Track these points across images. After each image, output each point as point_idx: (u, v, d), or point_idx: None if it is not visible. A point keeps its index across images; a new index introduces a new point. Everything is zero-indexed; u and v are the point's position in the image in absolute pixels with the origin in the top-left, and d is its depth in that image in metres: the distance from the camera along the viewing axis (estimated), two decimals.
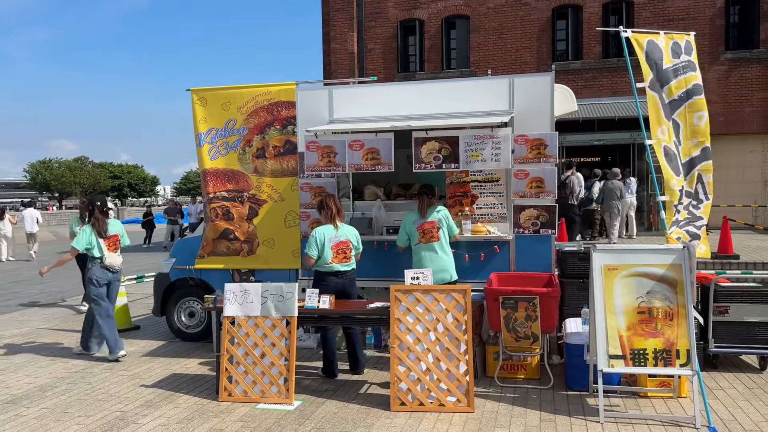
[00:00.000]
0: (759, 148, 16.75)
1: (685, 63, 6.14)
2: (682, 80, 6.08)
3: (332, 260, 5.88)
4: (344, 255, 5.94)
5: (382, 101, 6.86)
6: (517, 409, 5.06)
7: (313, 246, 5.85)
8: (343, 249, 5.94)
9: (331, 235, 5.91)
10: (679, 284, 4.94)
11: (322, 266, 5.91)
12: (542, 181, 6.42)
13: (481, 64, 17.59)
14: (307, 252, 5.87)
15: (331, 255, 5.88)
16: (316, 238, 5.86)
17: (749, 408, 4.99)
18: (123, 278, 8.66)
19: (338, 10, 18.59)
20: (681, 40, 6.24)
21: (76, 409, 5.30)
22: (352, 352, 6.12)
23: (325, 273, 5.93)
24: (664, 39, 6.10)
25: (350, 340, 6.11)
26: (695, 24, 16.41)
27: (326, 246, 5.86)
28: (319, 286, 5.89)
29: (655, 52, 6.02)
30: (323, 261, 5.88)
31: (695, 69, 6.26)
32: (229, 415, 5.05)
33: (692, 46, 6.34)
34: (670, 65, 6.03)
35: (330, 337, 5.98)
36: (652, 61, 5.98)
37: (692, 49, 6.32)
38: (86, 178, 64.40)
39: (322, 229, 5.93)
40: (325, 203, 6.03)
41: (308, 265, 5.97)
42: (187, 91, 7.55)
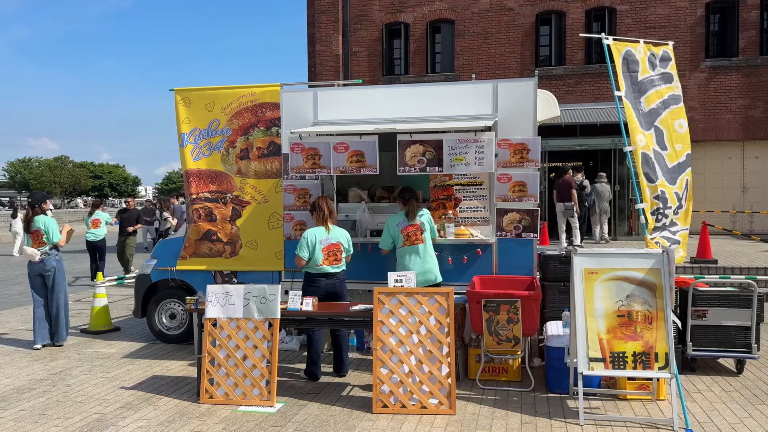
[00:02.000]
0: (737, 155, 17.02)
1: (660, 75, 6.24)
2: (659, 91, 6.17)
3: (323, 262, 5.89)
4: (335, 257, 5.95)
5: (367, 104, 6.88)
6: (499, 412, 5.09)
7: (304, 247, 5.84)
8: (334, 251, 5.94)
9: (323, 236, 5.91)
10: (658, 288, 5.01)
11: (313, 268, 5.91)
12: (525, 185, 6.48)
13: (466, 69, 17.68)
14: (298, 253, 5.86)
15: (322, 257, 5.88)
16: (307, 240, 5.86)
17: (726, 410, 5.07)
18: (103, 279, 8.58)
19: (324, 12, 18.58)
20: (658, 51, 6.33)
21: (55, 411, 5.24)
22: (338, 354, 6.11)
23: (316, 274, 5.93)
24: (643, 49, 6.19)
25: (337, 342, 6.10)
26: (676, 32, 16.64)
27: (317, 248, 5.86)
28: (309, 287, 5.89)
29: (632, 63, 6.11)
30: (314, 262, 5.88)
31: (671, 80, 6.33)
32: (210, 418, 5.03)
33: (670, 56, 6.42)
34: (646, 76, 6.12)
35: (316, 339, 5.98)
36: (629, 71, 6.06)
37: (670, 59, 6.40)
38: (66, 178, 63.56)
39: (313, 230, 5.93)
40: (317, 205, 6.03)
41: (299, 267, 5.96)
42: (171, 91, 7.51)
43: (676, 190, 5.98)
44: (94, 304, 8.28)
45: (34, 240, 7.50)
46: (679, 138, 6.20)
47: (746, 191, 16.93)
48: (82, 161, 75.00)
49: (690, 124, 17.72)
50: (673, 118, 6.22)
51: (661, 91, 6.19)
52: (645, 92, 6.08)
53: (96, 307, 8.26)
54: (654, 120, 6.06)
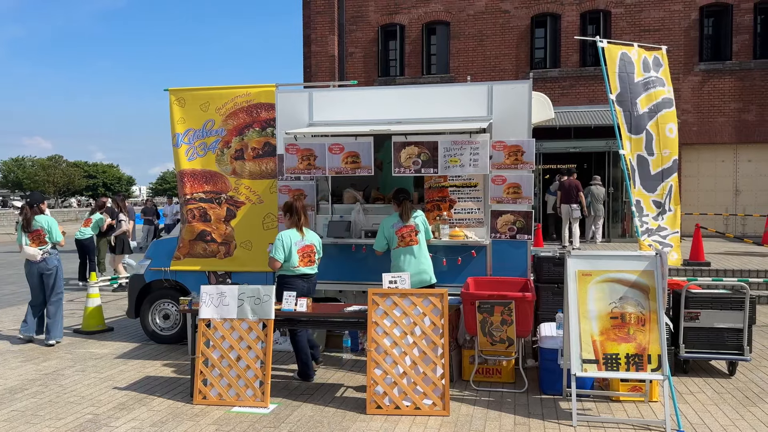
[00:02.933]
0: (730, 158, 17.11)
1: (654, 78, 6.27)
2: (651, 94, 6.20)
3: (299, 263, 5.92)
4: (309, 258, 6.00)
5: (363, 105, 6.88)
6: (492, 413, 5.10)
7: (280, 249, 5.87)
8: (309, 253, 6.00)
9: (297, 239, 5.95)
10: (651, 290, 5.03)
11: (289, 269, 5.94)
12: (519, 187, 6.50)
13: (461, 70, 17.71)
14: (273, 255, 5.88)
15: (297, 258, 5.91)
16: (282, 242, 5.89)
17: (718, 412, 5.09)
18: (97, 279, 8.56)
19: (319, 13, 18.58)
20: (650, 56, 6.38)
21: (47, 411, 5.22)
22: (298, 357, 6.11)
23: (292, 276, 5.95)
24: (637, 52, 6.22)
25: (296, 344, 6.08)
26: (670, 35, 16.72)
27: (293, 249, 5.89)
28: (285, 289, 5.91)
29: (627, 66, 6.14)
30: (291, 264, 5.91)
31: (664, 84, 6.38)
32: (204, 419, 5.02)
33: (662, 61, 6.47)
34: (641, 78, 6.16)
35: (300, 340, 5.97)
36: (624, 73, 6.10)
37: (662, 64, 6.45)
38: (60, 177, 63.31)
39: (288, 233, 5.96)
40: (294, 208, 6.03)
41: (274, 268, 5.99)
42: (165, 91, 7.50)
43: (655, 197, 6.00)
44: (87, 304, 8.25)
45: (33, 239, 7.55)
46: (667, 143, 6.24)
47: (739, 194, 17.02)
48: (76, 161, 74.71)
49: (683, 127, 17.82)
50: (664, 122, 6.25)
51: (654, 94, 6.23)
52: (639, 94, 6.11)
53: (89, 308, 8.23)
54: (646, 124, 6.09)
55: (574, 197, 13.50)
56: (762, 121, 16.57)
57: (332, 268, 6.90)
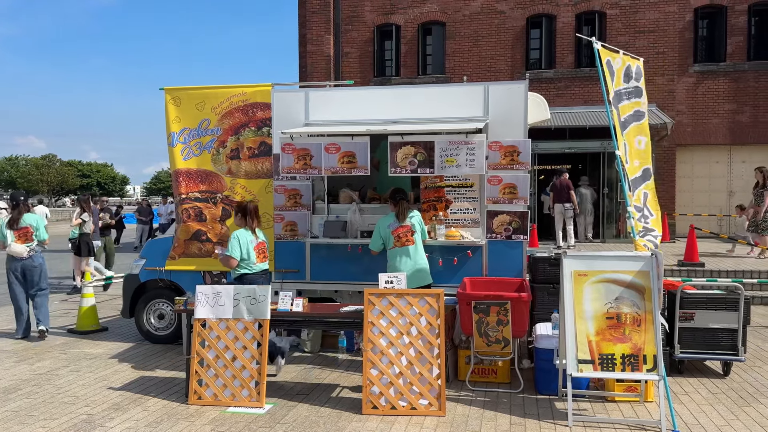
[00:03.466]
0: (724, 159, 17.18)
1: (632, 89, 6.30)
2: (626, 105, 6.22)
3: (257, 260, 6.08)
4: (264, 255, 6.20)
5: (359, 105, 6.87)
6: (488, 413, 5.10)
7: (237, 248, 5.97)
8: (262, 248, 6.20)
9: (251, 237, 6.09)
10: (646, 291, 5.04)
11: (248, 267, 6.04)
12: (515, 187, 6.51)
13: (457, 71, 17.71)
14: (231, 254, 5.95)
15: (255, 255, 6.05)
16: (239, 240, 6.00)
17: (712, 412, 5.11)
18: (91, 279, 8.53)
19: (315, 13, 18.55)
20: (633, 65, 6.42)
21: (41, 411, 5.19)
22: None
23: (251, 274, 6.06)
24: (621, 61, 6.26)
25: None
26: (665, 36, 16.77)
27: (250, 247, 6.03)
28: None
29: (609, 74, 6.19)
30: (250, 262, 6.03)
31: (641, 95, 6.43)
32: (199, 419, 5.00)
33: (642, 72, 6.54)
34: (620, 88, 6.18)
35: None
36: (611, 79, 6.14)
37: (641, 75, 6.52)
38: (54, 177, 63.09)
39: (243, 232, 6.06)
40: (248, 210, 6.13)
41: (231, 267, 6.06)
42: (161, 90, 7.48)
43: (635, 202, 6.03)
44: (81, 304, 8.21)
45: (20, 237, 7.74)
46: (637, 154, 6.26)
47: (733, 195, 17.09)
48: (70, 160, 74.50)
49: (678, 128, 17.85)
50: (635, 134, 6.27)
51: (633, 104, 6.26)
52: (619, 103, 6.16)
53: (83, 307, 8.19)
54: (623, 132, 6.13)
55: (566, 196, 13.85)
56: (756, 123, 16.64)
57: (328, 268, 6.90)
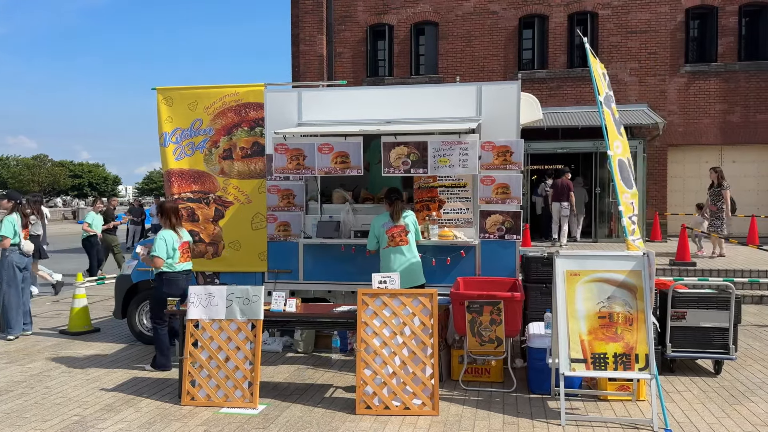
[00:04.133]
0: (716, 159, 17.25)
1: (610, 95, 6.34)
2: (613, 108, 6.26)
3: (181, 259, 6.26)
4: (187, 254, 6.37)
5: (352, 105, 6.88)
6: (481, 412, 5.11)
7: (163, 248, 6.13)
8: (187, 248, 6.36)
9: (176, 237, 6.25)
10: (638, 290, 5.07)
11: (174, 266, 6.21)
12: (508, 187, 6.53)
13: (450, 71, 17.73)
14: (157, 254, 6.09)
15: (179, 255, 6.23)
16: (165, 240, 6.15)
17: (704, 411, 5.14)
18: (83, 279, 8.48)
19: (308, 13, 18.53)
20: (606, 74, 6.48)
21: (33, 413, 5.16)
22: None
23: (177, 272, 6.24)
24: (600, 67, 6.32)
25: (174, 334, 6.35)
26: (657, 36, 16.85)
27: (176, 246, 6.21)
28: (171, 286, 6.19)
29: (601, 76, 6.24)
30: (174, 261, 6.20)
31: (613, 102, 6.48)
32: (192, 419, 4.99)
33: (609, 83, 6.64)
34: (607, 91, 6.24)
35: (162, 334, 6.30)
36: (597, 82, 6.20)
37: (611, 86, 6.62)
38: (45, 177, 62.71)
39: (168, 232, 6.21)
40: (165, 211, 6.30)
41: (157, 266, 6.18)
42: (153, 90, 7.45)
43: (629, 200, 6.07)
44: (73, 304, 8.17)
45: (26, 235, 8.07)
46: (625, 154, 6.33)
47: None
48: (61, 160, 74.04)
49: (669, 128, 17.92)
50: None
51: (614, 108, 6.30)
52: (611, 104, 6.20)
53: (75, 308, 8.15)
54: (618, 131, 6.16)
55: (565, 196, 14.13)
56: (746, 123, 16.75)
57: (321, 268, 6.89)
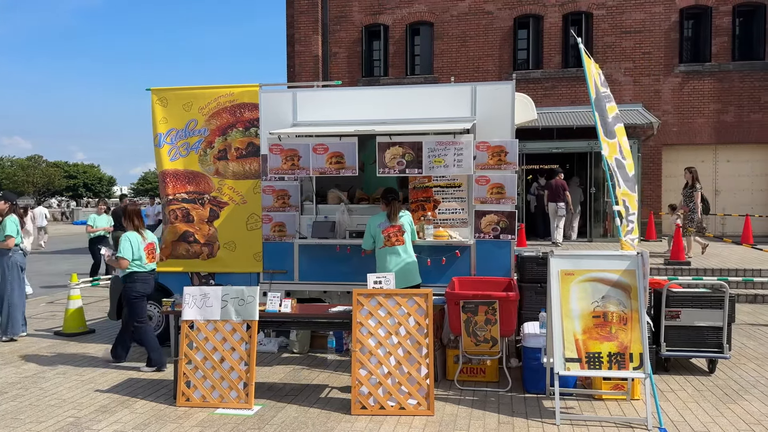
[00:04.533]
0: (710, 159, 17.33)
1: (606, 94, 6.36)
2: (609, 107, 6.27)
3: (147, 260, 6.43)
4: (153, 255, 6.55)
5: (347, 105, 6.88)
6: (476, 412, 5.12)
7: (128, 249, 6.28)
8: (152, 249, 6.53)
9: (140, 239, 6.43)
10: (632, 289, 5.09)
11: (140, 267, 6.37)
12: (503, 187, 6.54)
13: (445, 71, 17.74)
14: (122, 255, 6.26)
15: (145, 255, 6.40)
16: (130, 241, 6.32)
17: (698, 409, 5.16)
18: (78, 280, 8.47)
19: (303, 13, 18.52)
20: (601, 73, 6.50)
21: (27, 414, 5.15)
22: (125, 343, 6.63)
23: (144, 272, 6.40)
24: (594, 67, 6.33)
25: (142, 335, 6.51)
26: (651, 36, 16.90)
27: (141, 247, 6.36)
28: (141, 285, 6.39)
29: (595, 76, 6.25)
30: (141, 261, 6.37)
31: (612, 101, 6.48)
32: (187, 420, 4.98)
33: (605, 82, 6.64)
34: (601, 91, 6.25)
35: (145, 331, 6.47)
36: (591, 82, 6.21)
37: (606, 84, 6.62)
38: (40, 178, 62.45)
39: (132, 233, 6.40)
40: (134, 215, 6.51)
41: (123, 267, 6.35)
42: (147, 91, 7.44)
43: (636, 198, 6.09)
44: (68, 306, 8.15)
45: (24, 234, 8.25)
46: (627, 153, 6.34)
47: (718, 194, 17.24)
48: (56, 161, 73.77)
49: (664, 128, 17.97)
50: (621, 135, 6.33)
51: (612, 107, 6.31)
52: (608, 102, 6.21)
53: (70, 309, 8.13)
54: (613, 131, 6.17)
55: (561, 196, 14.31)
56: (740, 122, 16.81)
57: (317, 268, 6.90)
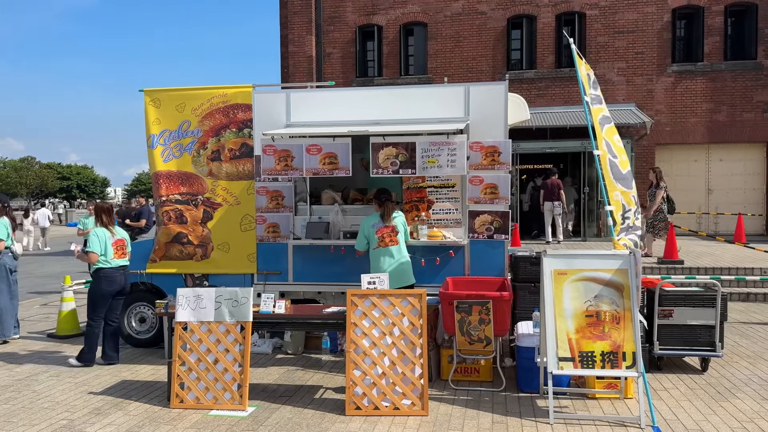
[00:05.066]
0: (703, 158, 17.41)
1: (595, 96, 6.38)
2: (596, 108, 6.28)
3: (115, 256, 6.56)
4: (122, 251, 6.67)
5: (340, 106, 6.88)
6: (470, 412, 5.13)
7: (96, 244, 6.47)
8: (122, 246, 6.66)
9: (109, 234, 6.57)
10: (625, 288, 5.11)
11: (108, 263, 6.51)
12: (496, 187, 6.56)
13: (438, 71, 17.76)
14: (92, 249, 6.44)
15: (112, 251, 6.53)
16: (98, 237, 6.49)
17: (691, 408, 5.19)
18: (71, 283, 8.44)
19: (296, 14, 18.51)
20: (592, 74, 6.51)
21: (20, 417, 5.13)
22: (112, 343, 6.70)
23: (111, 269, 6.55)
24: (585, 68, 6.35)
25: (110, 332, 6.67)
26: (644, 36, 16.97)
27: (108, 243, 6.51)
28: (106, 282, 6.52)
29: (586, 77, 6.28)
30: (108, 257, 6.50)
31: (602, 102, 6.48)
32: (181, 422, 4.97)
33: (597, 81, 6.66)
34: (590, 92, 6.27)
35: (95, 333, 6.55)
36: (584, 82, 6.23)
37: (598, 84, 6.63)
38: (33, 179, 62.19)
39: (101, 229, 6.57)
40: (102, 212, 6.65)
41: (91, 262, 6.53)
42: (140, 92, 7.42)
43: (633, 193, 6.10)
44: (61, 308, 8.12)
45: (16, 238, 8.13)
46: (620, 150, 6.34)
47: (711, 193, 17.33)
48: (49, 162, 73.48)
49: (657, 127, 18.05)
50: (612, 133, 6.34)
51: (597, 110, 6.33)
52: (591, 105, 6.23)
53: (63, 311, 8.09)
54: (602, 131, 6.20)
55: (556, 195, 14.49)
56: (733, 122, 16.89)
57: (311, 269, 6.89)
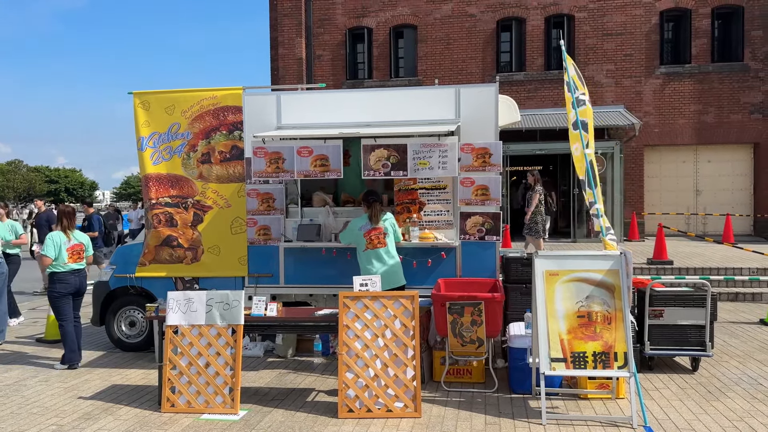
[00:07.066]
0: (691, 159, 17.55)
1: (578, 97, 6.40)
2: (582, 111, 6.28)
3: (69, 260, 6.68)
4: (78, 256, 6.80)
5: (331, 108, 6.87)
6: (463, 413, 5.13)
7: (51, 248, 6.62)
8: (78, 250, 6.80)
9: (65, 239, 6.71)
10: (616, 289, 5.13)
11: (61, 266, 6.65)
12: (487, 189, 6.56)
13: (429, 74, 17.80)
14: (44, 253, 6.62)
15: (66, 256, 6.66)
16: (53, 241, 6.65)
17: (682, 407, 5.21)
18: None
19: (287, 16, 18.48)
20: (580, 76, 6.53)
21: (9, 423, 5.07)
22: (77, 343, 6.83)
23: (65, 272, 6.68)
24: (573, 68, 6.38)
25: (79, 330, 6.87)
26: (632, 38, 17.08)
27: (62, 248, 6.65)
28: (60, 284, 6.67)
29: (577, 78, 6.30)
30: (61, 261, 6.64)
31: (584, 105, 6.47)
32: (172, 426, 4.94)
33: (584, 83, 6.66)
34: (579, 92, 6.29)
35: (68, 331, 6.71)
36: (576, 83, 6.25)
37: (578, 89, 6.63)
38: (20, 183, 61.65)
39: (57, 234, 6.73)
40: (63, 216, 6.80)
41: (45, 265, 6.70)
42: (129, 94, 7.37)
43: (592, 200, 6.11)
44: (49, 312, 8.03)
45: None
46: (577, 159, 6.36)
47: (699, 194, 17.47)
48: (37, 165, 72.87)
49: (645, 129, 18.18)
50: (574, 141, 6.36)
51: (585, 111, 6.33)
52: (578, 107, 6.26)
53: (52, 316, 8.01)
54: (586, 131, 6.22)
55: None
56: (720, 123, 17.04)
57: (302, 271, 6.87)
